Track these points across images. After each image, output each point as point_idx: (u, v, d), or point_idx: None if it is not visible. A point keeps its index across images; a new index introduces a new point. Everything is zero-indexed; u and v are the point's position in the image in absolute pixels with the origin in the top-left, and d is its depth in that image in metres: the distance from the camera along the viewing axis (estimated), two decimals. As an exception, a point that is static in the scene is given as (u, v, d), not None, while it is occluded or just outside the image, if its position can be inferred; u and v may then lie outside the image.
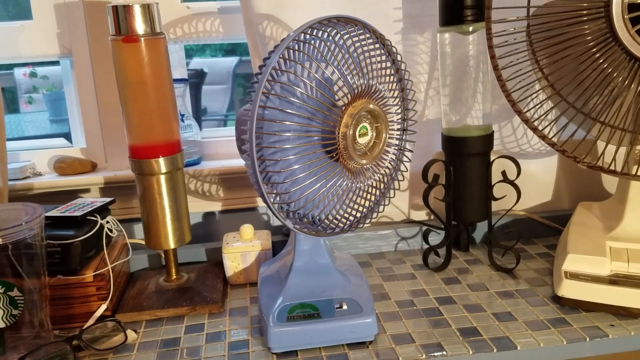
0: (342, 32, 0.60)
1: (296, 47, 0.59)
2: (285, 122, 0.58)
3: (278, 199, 0.61)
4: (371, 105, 0.61)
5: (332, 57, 0.59)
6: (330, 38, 0.59)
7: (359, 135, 0.61)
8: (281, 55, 0.58)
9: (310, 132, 0.60)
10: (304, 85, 0.59)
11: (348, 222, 0.66)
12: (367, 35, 0.62)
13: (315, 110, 0.59)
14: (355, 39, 0.61)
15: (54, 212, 0.76)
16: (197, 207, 0.98)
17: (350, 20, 0.60)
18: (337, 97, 0.60)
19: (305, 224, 0.64)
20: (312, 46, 0.59)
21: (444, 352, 0.64)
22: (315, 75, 0.59)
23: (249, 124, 0.57)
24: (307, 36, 0.59)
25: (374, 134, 0.63)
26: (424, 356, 0.64)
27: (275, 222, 1.01)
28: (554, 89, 0.72)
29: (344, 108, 0.60)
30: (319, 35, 0.59)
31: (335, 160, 0.62)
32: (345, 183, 0.63)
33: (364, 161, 0.63)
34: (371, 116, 0.62)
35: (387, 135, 0.64)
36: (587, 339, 0.66)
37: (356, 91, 0.60)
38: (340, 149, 0.60)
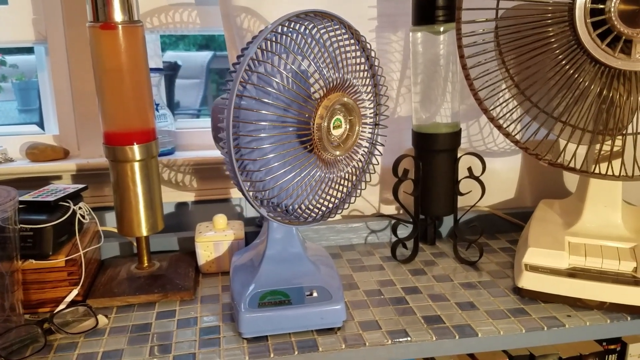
0: (319, 27, 0.62)
1: (274, 39, 0.60)
2: (262, 112, 0.60)
3: (253, 187, 0.63)
4: (345, 99, 0.63)
5: (309, 50, 0.61)
6: (307, 31, 0.61)
7: (333, 127, 0.63)
8: (259, 46, 0.59)
9: (285, 122, 0.61)
10: (281, 76, 0.61)
11: (320, 212, 0.68)
12: (343, 31, 0.64)
13: (291, 102, 0.61)
14: (332, 33, 0.63)
15: (27, 197, 0.76)
16: (170, 197, 0.98)
17: (327, 15, 0.62)
18: (312, 90, 0.62)
19: (279, 213, 0.66)
20: (289, 38, 0.60)
21: (409, 338, 0.67)
22: (292, 66, 0.61)
23: (226, 111, 0.58)
24: (285, 29, 0.61)
25: (348, 127, 0.65)
26: (389, 342, 0.66)
27: (248, 213, 1.02)
28: (518, 89, 0.76)
29: (319, 100, 0.61)
30: (297, 28, 0.61)
31: (310, 151, 0.63)
32: (318, 174, 0.65)
33: (338, 152, 0.65)
34: (345, 109, 0.64)
35: (360, 129, 0.66)
36: (545, 328, 0.69)
37: (331, 84, 0.62)
38: (314, 140, 0.62)
